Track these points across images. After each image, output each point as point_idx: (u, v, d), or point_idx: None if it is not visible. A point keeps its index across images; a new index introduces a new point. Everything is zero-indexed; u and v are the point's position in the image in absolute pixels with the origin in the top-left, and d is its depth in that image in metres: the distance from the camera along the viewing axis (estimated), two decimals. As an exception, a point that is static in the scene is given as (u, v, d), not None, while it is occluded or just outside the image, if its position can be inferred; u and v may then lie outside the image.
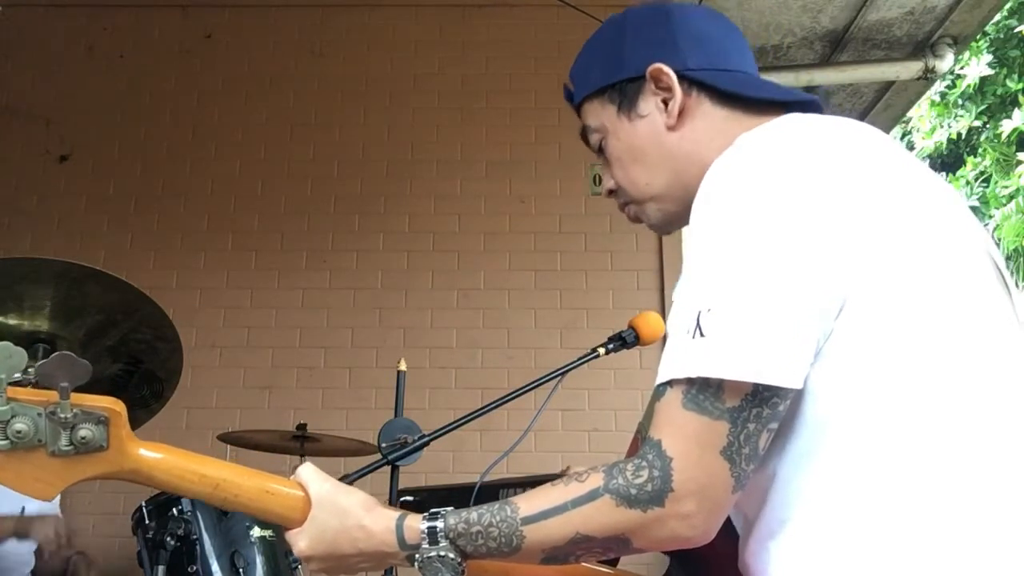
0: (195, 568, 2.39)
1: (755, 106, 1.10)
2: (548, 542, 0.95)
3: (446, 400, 3.74)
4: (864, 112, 5.19)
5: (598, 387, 3.81)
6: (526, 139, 4.26)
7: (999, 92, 9.64)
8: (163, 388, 2.15)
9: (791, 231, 0.88)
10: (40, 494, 0.98)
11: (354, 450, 2.98)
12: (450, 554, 0.98)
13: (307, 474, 1.06)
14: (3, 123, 4.26)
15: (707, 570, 1.18)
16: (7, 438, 0.95)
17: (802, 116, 1.04)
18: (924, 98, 7.46)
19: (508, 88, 4.32)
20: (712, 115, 1.10)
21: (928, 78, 4.67)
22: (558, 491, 0.95)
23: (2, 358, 0.92)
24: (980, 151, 9.88)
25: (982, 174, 9.82)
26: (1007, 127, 9.25)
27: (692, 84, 1.11)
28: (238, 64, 4.40)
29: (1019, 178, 9.20)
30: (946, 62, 4.56)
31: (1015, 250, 9.21)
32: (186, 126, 4.32)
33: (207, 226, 4.19)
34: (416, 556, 0.99)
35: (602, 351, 1.80)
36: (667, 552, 1.20)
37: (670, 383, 0.91)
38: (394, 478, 1.87)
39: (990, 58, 9.56)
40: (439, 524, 0.98)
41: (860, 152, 0.97)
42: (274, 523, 1.08)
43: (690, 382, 0.89)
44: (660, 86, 1.11)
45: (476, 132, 4.29)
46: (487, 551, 0.97)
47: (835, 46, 4.60)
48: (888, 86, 4.96)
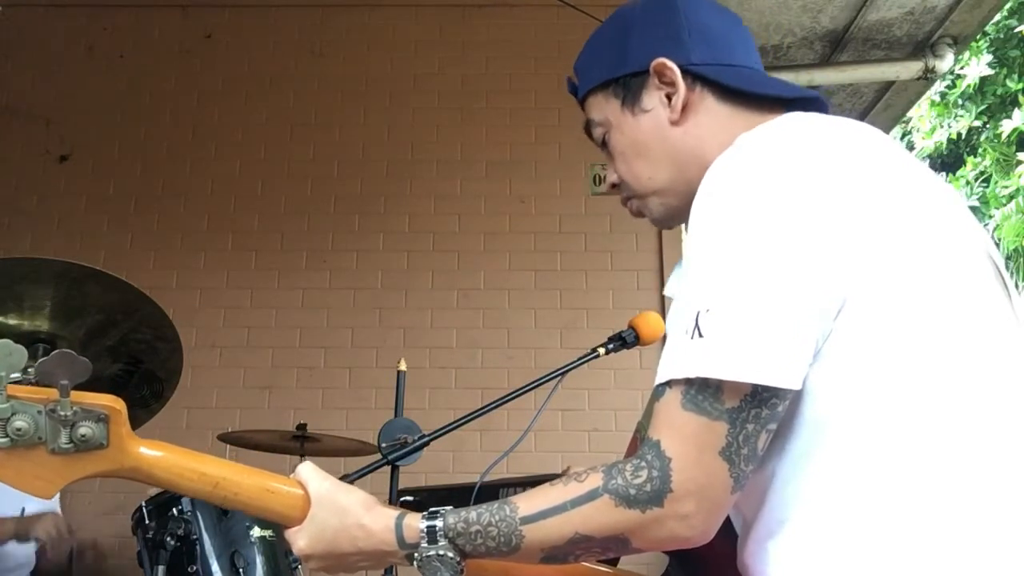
0: (195, 568, 2.39)
1: (758, 102, 1.10)
2: (547, 542, 0.95)
3: (446, 400, 3.74)
4: (864, 112, 5.19)
5: (598, 387, 3.81)
6: (526, 139, 4.26)
7: (999, 92, 9.64)
8: (163, 388, 2.15)
9: (790, 231, 0.88)
10: (40, 492, 0.98)
11: (354, 450, 2.98)
12: (449, 553, 0.98)
13: (307, 473, 1.06)
14: (3, 123, 4.26)
15: (706, 570, 1.18)
16: (7, 436, 0.95)
17: (803, 116, 1.04)
18: (924, 98, 7.46)
19: (508, 88, 4.32)
20: (715, 111, 1.10)
21: (928, 78, 4.67)
22: (557, 491, 0.95)
23: (2, 356, 0.92)
24: (980, 151, 9.88)
25: (982, 174, 9.82)
26: (1007, 127, 9.24)
27: (696, 79, 1.11)
28: (238, 64, 4.40)
29: (1019, 178, 9.19)
30: (946, 62, 4.55)
31: (1015, 250, 9.20)
32: (186, 126, 4.32)
33: (207, 226, 4.19)
34: (415, 555, 0.99)
35: (602, 351, 1.79)
36: (666, 552, 1.20)
37: (669, 383, 0.91)
38: (394, 478, 1.87)
39: (990, 58, 9.56)
40: (438, 523, 0.98)
41: (860, 153, 0.97)
42: (274, 521, 1.08)
43: (689, 383, 0.89)
44: (664, 81, 1.11)
45: (476, 132, 4.29)
46: (486, 550, 0.97)
47: (835, 46, 4.60)
48: (888, 86, 4.95)
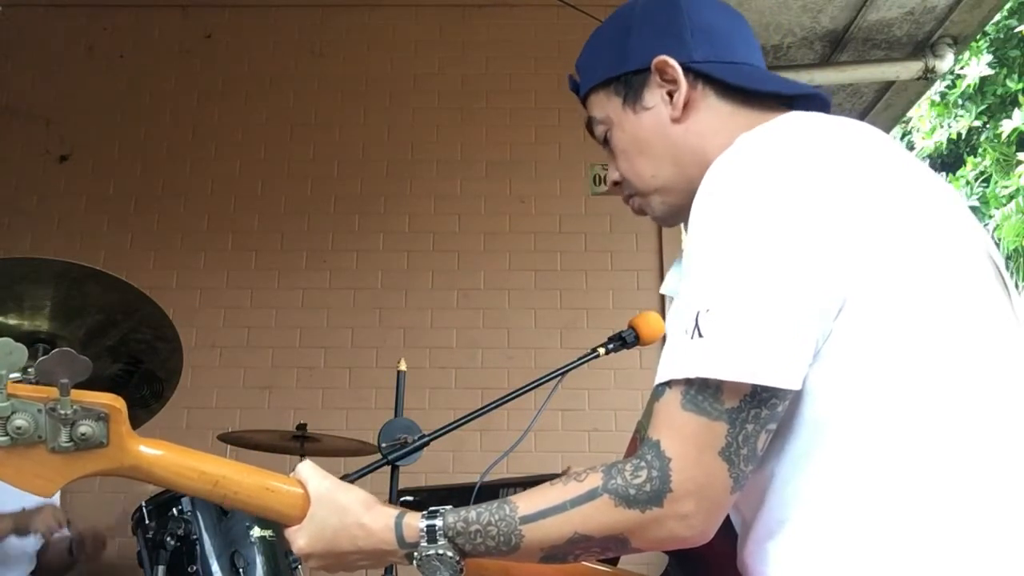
0: (195, 568, 2.39)
1: (760, 100, 1.10)
2: (547, 541, 0.95)
3: (446, 400, 3.74)
4: (864, 112, 5.19)
5: (598, 387, 3.80)
6: (526, 139, 4.26)
7: (999, 92, 9.63)
8: (163, 388, 2.15)
9: (790, 232, 0.88)
10: (40, 490, 0.98)
11: (354, 450, 2.98)
12: (448, 552, 0.98)
13: (307, 471, 1.06)
14: (3, 123, 4.26)
15: (706, 569, 1.18)
16: (7, 434, 0.95)
17: (803, 115, 1.04)
18: (924, 98, 7.46)
19: (508, 88, 4.32)
20: (717, 108, 1.10)
21: (928, 78, 4.67)
22: (557, 491, 0.95)
23: (2, 354, 0.92)
24: (980, 151, 9.87)
25: (982, 174, 9.81)
26: (1007, 127, 9.23)
27: (698, 76, 1.11)
28: (238, 64, 4.39)
29: (1019, 178, 9.19)
30: (946, 62, 4.55)
31: (1015, 250, 9.20)
32: (186, 126, 4.32)
33: (207, 226, 4.18)
34: (415, 554, 0.99)
35: (602, 351, 1.80)
36: (666, 552, 1.20)
37: (669, 383, 0.91)
38: (394, 478, 1.87)
39: (990, 58, 9.55)
40: (438, 522, 0.98)
41: (860, 153, 0.97)
42: (273, 520, 1.08)
43: (689, 383, 0.89)
44: (665, 78, 1.11)
45: (476, 132, 4.29)
46: (486, 550, 0.97)
47: (835, 46, 4.60)
48: (888, 86, 4.95)
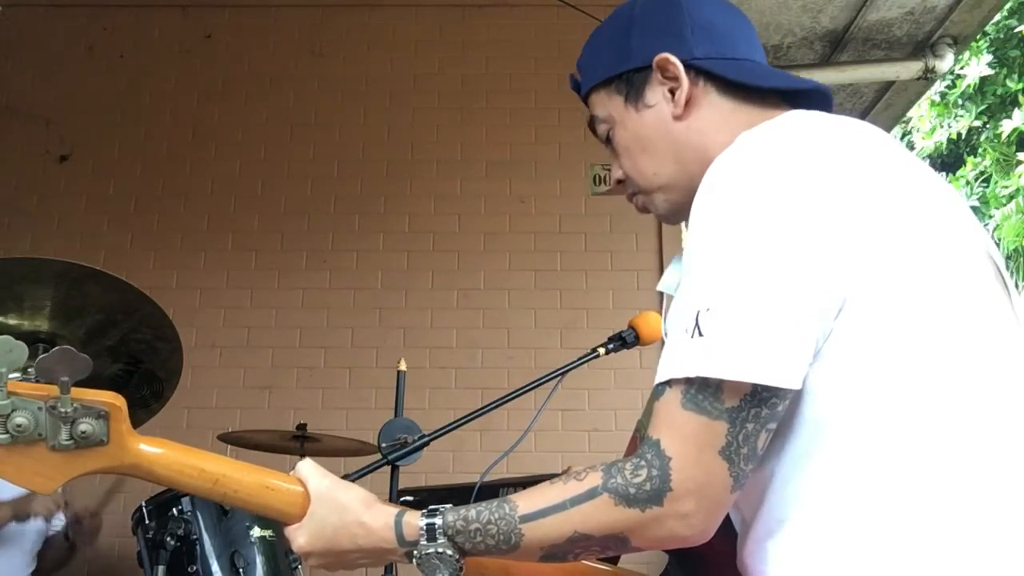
0: (195, 568, 2.39)
1: (762, 96, 1.10)
2: (546, 540, 0.95)
3: (446, 400, 3.74)
4: (864, 112, 5.19)
5: (598, 387, 3.80)
6: (526, 139, 4.26)
7: (999, 92, 9.63)
8: (163, 388, 2.15)
9: (791, 231, 0.88)
10: (40, 488, 0.99)
11: (354, 450, 2.98)
12: (448, 551, 0.98)
13: (307, 470, 1.06)
14: (3, 123, 4.26)
15: (705, 568, 1.18)
16: (7, 432, 0.95)
17: (804, 114, 1.04)
18: (924, 98, 7.45)
19: (508, 88, 4.32)
20: (719, 105, 1.10)
21: (928, 78, 4.67)
22: (557, 489, 0.95)
23: (3, 352, 0.92)
24: (980, 151, 9.87)
25: (982, 174, 9.81)
26: (1007, 127, 9.23)
27: (699, 73, 1.10)
28: (238, 64, 4.39)
29: (1019, 178, 9.19)
30: (946, 62, 4.55)
31: (1015, 250, 9.20)
32: (186, 126, 4.32)
33: (207, 226, 4.18)
34: (414, 553, 0.99)
35: (602, 351, 1.80)
36: (666, 551, 1.20)
37: (669, 383, 0.91)
38: (394, 478, 1.87)
39: (990, 58, 9.55)
40: (437, 521, 0.98)
41: (861, 152, 0.97)
42: (273, 519, 1.08)
43: (689, 382, 0.89)
44: (667, 76, 1.11)
45: (476, 132, 4.29)
46: (485, 548, 0.97)
47: (835, 46, 4.59)
48: (888, 86, 4.95)
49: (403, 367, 1.94)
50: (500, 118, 4.29)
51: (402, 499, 2.06)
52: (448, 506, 1.00)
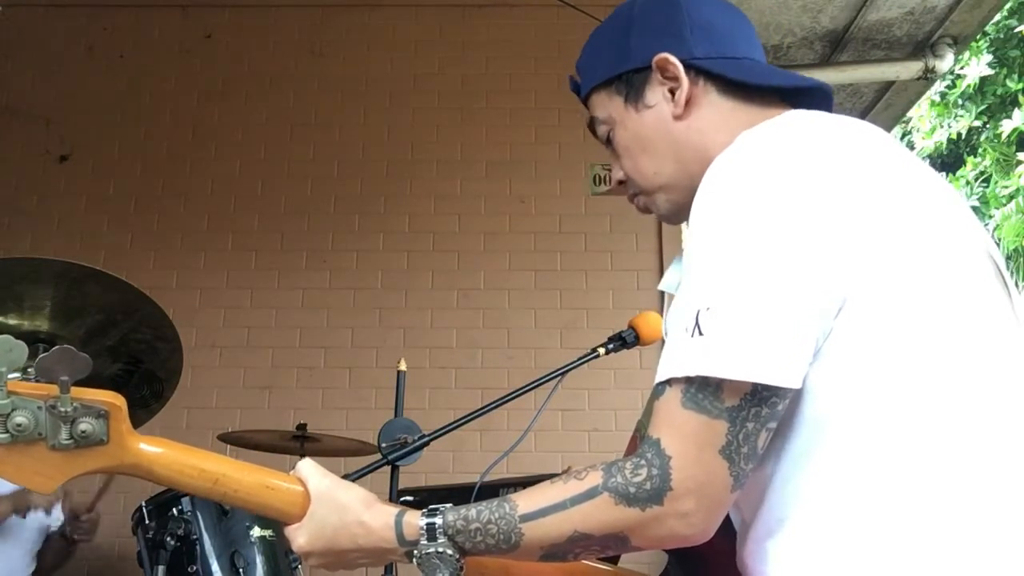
0: (195, 568, 2.39)
1: (762, 95, 1.10)
2: (547, 540, 0.95)
3: (446, 400, 3.74)
4: (864, 112, 5.19)
5: (598, 387, 3.81)
6: (526, 139, 4.26)
7: (999, 92, 9.63)
8: (163, 388, 2.15)
9: (791, 231, 0.88)
10: (40, 487, 0.99)
11: (354, 450, 2.98)
12: (448, 551, 0.98)
13: (307, 469, 1.06)
14: (3, 123, 4.26)
15: (706, 568, 1.17)
16: (7, 432, 0.95)
17: (805, 114, 1.04)
18: (924, 98, 7.45)
19: (508, 88, 4.32)
20: (719, 105, 1.10)
21: (928, 78, 4.67)
22: (557, 489, 0.95)
23: (3, 352, 0.92)
24: (980, 151, 9.87)
25: (982, 174, 9.82)
26: (1007, 127, 9.23)
27: (699, 73, 1.10)
28: (238, 64, 4.39)
29: (1019, 178, 9.19)
30: (946, 62, 4.55)
31: (1015, 250, 9.20)
32: (186, 126, 4.32)
33: (207, 226, 4.19)
34: (415, 552, 0.99)
35: (602, 351, 1.80)
36: (666, 550, 1.20)
37: (669, 382, 0.91)
38: (394, 478, 1.87)
39: (990, 58, 9.55)
40: (438, 520, 0.98)
41: (861, 152, 0.97)
42: (273, 519, 1.08)
43: (689, 381, 0.89)
44: (667, 76, 1.11)
45: (476, 132, 4.29)
46: (485, 548, 0.97)
47: (835, 46, 4.60)
48: (888, 86, 4.95)
49: (403, 367, 1.94)
50: (500, 118, 4.29)
51: (402, 499, 2.06)
52: (448, 506, 1.00)
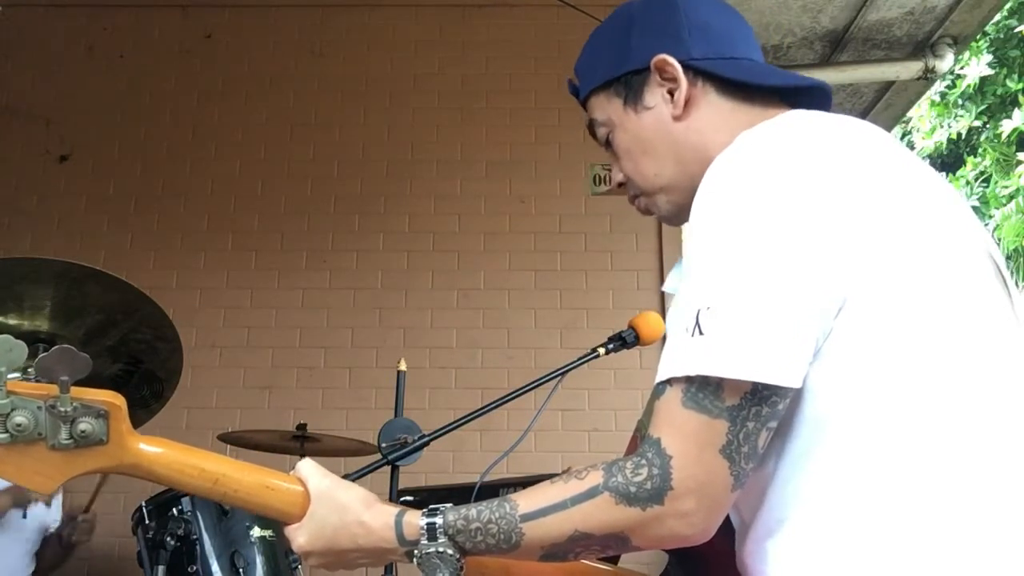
0: (195, 568, 2.39)
1: (761, 95, 1.10)
2: (547, 539, 0.95)
3: (446, 400, 3.74)
4: (864, 112, 5.19)
5: (598, 387, 3.81)
6: (526, 139, 4.26)
7: (999, 92, 9.64)
8: (163, 388, 2.15)
9: (791, 230, 0.88)
10: (40, 487, 0.98)
11: (354, 450, 2.98)
12: (449, 550, 0.98)
13: (307, 469, 1.06)
14: (3, 123, 4.26)
15: (706, 568, 1.17)
16: (7, 431, 0.95)
17: (804, 113, 1.04)
18: (924, 98, 7.46)
19: (508, 88, 4.32)
20: (718, 105, 1.10)
21: (928, 78, 4.67)
22: (557, 488, 0.95)
23: (2, 351, 0.92)
24: (980, 151, 9.88)
25: (982, 174, 9.82)
26: (1007, 127, 9.24)
27: (697, 74, 1.11)
28: (238, 64, 4.40)
29: (1019, 178, 9.19)
30: (946, 62, 4.56)
31: (1015, 250, 9.20)
32: (186, 126, 4.32)
33: (207, 226, 4.19)
34: (415, 552, 0.99)
35: (602, 351, 1.80)
36: (666, 550, 1.20)
37: (669, 381, 0.91)
38: (394, 478, 1.87)
39: (990, 58, 9.56)
40: (438, 520, 0.98)
41: (861, 151, 0.97)
42: (273, 518, 1.08)
43: (689, 380, 0.89)
44: (665, 77, 1.11)
45: (476, 132, 4.29)
46: (486, 548, 0.97)
47: (835, 46, 4.60)
48: (888, 86, 4.95)
49: (403, 367, 1.94)
50: (500, 118, 4.29)
51: (402, 499, 2.06)
52: (448, 505, 1.00)
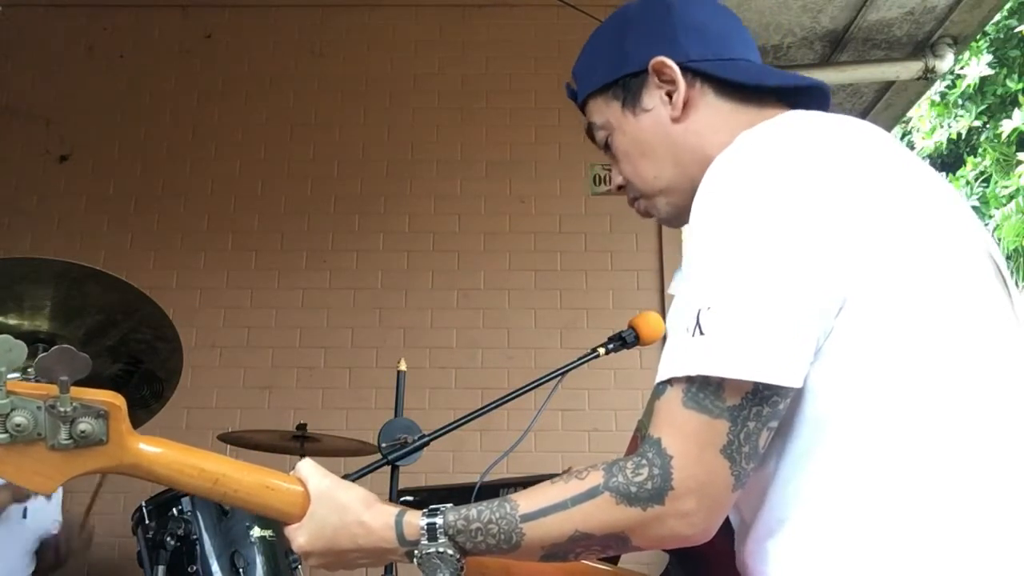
0: (195, 568, 2.39)
1: (760, 96, 1.10)
2: (547, 539, 0.95)
3: (446, 400, 3.74)
4: (864, 112, 5.19)
5: (598, 387, 3.81)
6: (526, 139, 4.26)
7: (999, 92, 9.64)
8: (163, 388, 2.15)
9: (791, 230, 0.88)
10: (40, 488, 0.98)
11: (354, 450, 2.98)
12: (449, 551, 0.98)
13: (307, 469, 1.06)
14: (3, 123, 4.26)
15: (706, 568, 1.17)
16: (7, 432, 0.95)
17: (804, 113, 1.04)
18: (924, 98, 7.46)
19: (508, 88, 4.32)
20: (716, 106, 1.10)
21: (928, 78, 4.67)
22: (558, 488, 0.95)
23: (2, 351, 0.92)
24: (980, 151, 9.88)
25: (982, 174, 9.82)
26: (1007, 127, 9.24)
27: (695, 75, 1.11)
28: (238, 64, 4.39)
29: (1019, 178, 9.19)
30: (946, 62, 4.55)
31: (1015, 250, 9.20)
32: (186, 126, 4.32)
33: (207, 226, 4.19)
34: (415, 552, 0.99)
35: (602, 351, 1.80)
36: (667, 550, 1.20)
37: (670, 381, 0.91)
38: (394, 478, 1.87)
39: (990, 58, 9.56)
40: (438, 520, 0.98)
41: (861, 151, 0.97)
42: (273, 518, 1.08)
43: (690, 380, 0.89)
44: (663, 79, 1.11)
45: (476, 132, 4.29)
46: (486, 548, 0.97)
47: (835, 46, 4.60)
48: (888, 86, 4.95)
49: (403, 367, 1.94)
50: (500, 118, 4.29)
51: (402, 499, 2.06)
52: (449, 505, 1.00)
